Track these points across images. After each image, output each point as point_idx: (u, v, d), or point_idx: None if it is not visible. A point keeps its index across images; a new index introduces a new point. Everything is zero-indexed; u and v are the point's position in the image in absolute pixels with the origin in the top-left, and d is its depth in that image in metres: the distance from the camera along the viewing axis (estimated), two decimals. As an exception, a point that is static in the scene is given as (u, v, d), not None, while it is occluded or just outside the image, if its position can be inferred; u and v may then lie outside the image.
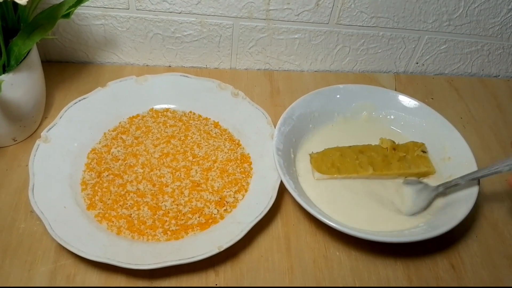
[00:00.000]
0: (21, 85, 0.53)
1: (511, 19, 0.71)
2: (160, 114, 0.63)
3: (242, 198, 0.54)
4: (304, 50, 0.73)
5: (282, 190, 0.54)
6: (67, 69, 0.70)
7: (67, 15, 0.53)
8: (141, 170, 0.56)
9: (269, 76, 0.74)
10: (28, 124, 0.58)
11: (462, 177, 0.53)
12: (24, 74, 0.53)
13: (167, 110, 0.64)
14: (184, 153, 0.58)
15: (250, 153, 0.59)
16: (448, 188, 0.54)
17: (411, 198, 0.54)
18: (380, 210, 0.54)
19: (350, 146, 0.59)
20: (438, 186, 0.55)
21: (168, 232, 0.50)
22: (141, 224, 0.51)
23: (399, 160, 0.58)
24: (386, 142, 0.60)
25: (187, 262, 0.45)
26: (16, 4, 0.51)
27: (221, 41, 0.70)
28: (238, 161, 0.58)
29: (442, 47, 0.75)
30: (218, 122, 0.63)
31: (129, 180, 0.55)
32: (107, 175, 0.55)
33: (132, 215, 0.51)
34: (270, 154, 0.55)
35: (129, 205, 0.52)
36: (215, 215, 0.52)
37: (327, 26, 0.70)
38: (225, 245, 0.47)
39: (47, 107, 0.62)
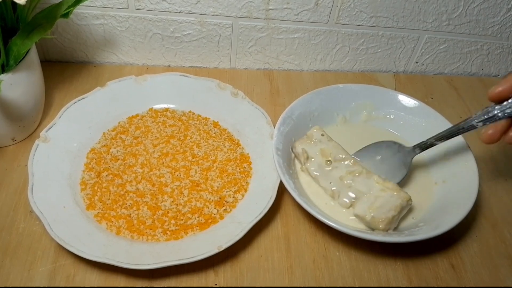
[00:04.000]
0: (20, 85, 0.53)
1: (510, 18, 0.71)
2: (159, 114, 0.63)
3: (242, 198, 0.54)
4: (304, 50, 0.73)
5: (282, 190, 0.54)
6: (66, 69, 0.69)
7: (66, 15, 0.53)
8: (141, 170, 0.56)
9: (268, 75, 0.74)
10: (27, 124, 0.58)
11: (436, 136, 0.55)
12: (23, 74, 0.53)
13: (166, 110, 0.63)
14: (183, 153, 0.58)
15: (249, 153, 0.59)
16: (424, 149, 0.56)
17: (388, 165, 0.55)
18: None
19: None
20: (414, 147, 0.56)
21: (168, 232, 0.50)
22: (140, 224, 0.51)
23: None
24: None
25: (187, 262, 0.45)
26: (15, 4, 0.51)
27: (220, 40, 0.70)
28: (238, 161, 0.58)
29: (442, 47, 0.75)
30: (217, 122, 0.63)
31: (129, 180, 0.55)
32: (106, 175, 0.55)
33: (132, 215, 0.51)
34: (270, 154, 0.55)
35: (129, 205, 0.52)
36: (215, 215, 0.52)
37: (326, 26, 0.70)
38: (225, 245, 0.47)
39: (46, 107, 0.62)
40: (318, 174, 0.55)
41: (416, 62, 0.77)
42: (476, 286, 0.50)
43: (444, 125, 0.61)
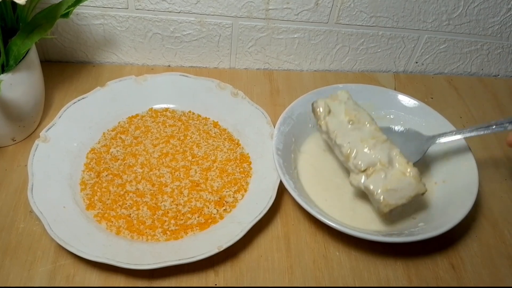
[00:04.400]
0: (20, 85, 0.53)
1: (510, 18, 0.71)
2: (159, 113, 0.63)
3: (242, 198, 0.54)
4: (304, 50, 0.73)
5: (282, 190, 0.54)
6: (66, 69, 0.69)
7: (66, 15, 0.53)
8: (140, 170, 0.56)
9: (268, 75, 0.74)
10: (27, 124, 0.58)
11: (463, 129, 0.54)
12: (23, 74, 0.53)
13: (166, 109, 0.63)
14: (183, 153, 0.58)
15: (249, 153, 0.59)
16: (441, 138, 0.55)
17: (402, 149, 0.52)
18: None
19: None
20: (434, 136, 0.55)
21: (168, 232, 0.50)
22: (140, 224, 0.51)
23: None
24: None
25: (187, 262, 0.45)
26: (15, 4, 0.51)
27: (220, 40, 0.70)
28: (238, 161, 0.58)
29: (442, 47, 0.75)
30: (217, 121, 0.63)
31: (128, 180, 0.55)
32: (106, 175, 0.55)
33: (132, 215, 0.51)
34: (270, 154, 0.55)
35: (128, 205, 0.52)
36: (215, 215, 0.52)
37: (326, 26, 0.70)
38: (225, 245, 0.47)
39: (46, 107, 0.62)
40: (336, 130, 0.52)
41: (416, 62, 0.77)
42: (476, 286, 0.50)
43: (444, 125, 0.61)
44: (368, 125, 0.53)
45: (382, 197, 0.48)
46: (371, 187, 0.49)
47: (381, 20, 0.70)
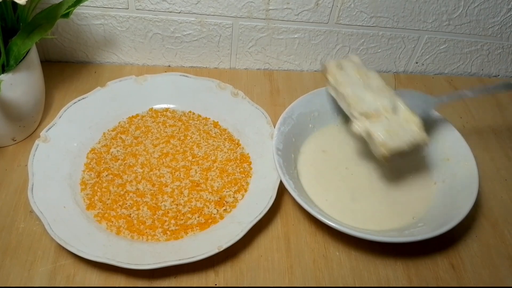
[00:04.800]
0: (20, 85, 0.53)
1: (510, 18, 0.71)
2: (159, 114, 0.63)
3: (242, 198, 0.54)
4: (304, 50, 0.73)
5: (282, 190, 0.54)
6: (66, 69, 0.69)
7: (66, 15, 0.53)
8: (141, 170, 0.56)
9: (268, 75, 0.74)
10: (27, 124, 0.58)
11: (471, 89, 0.54)
12: (24, 74, 0.53)
13: (166, 110, 0.64)
14: (183, 153, 0.58)
15: (249, 153, 0.59)
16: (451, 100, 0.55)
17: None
18: (382, 209, 0.54)
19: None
20: (442, 96, 0.55)
21: (168, 232, 0.50)
22: (140, 224, 0.51)
23: None
24: None
25: (187, 262, 0.45)
26: (15, 4, 0.51)
27: (220, 40, 0.70)
28: (238, 161, 0.58)
29: (442, 47, 0.75)
30: (217, 122, 0.63)
31: (129, 180, 0.55)
32: (106, 175, 0.55)
33: (132, 215, 0.51)
34: (270, 154, 0.55)
35: (129, 205, 0.52)
36: (215, 215, 0.52)
37: (326, 26, 0.70)
38: (225, 245, 0.47)
39: (46, 107, 0.62)
40: (344, 82, 0.53)
41: (416, 62, 0.77)
42: (476, 286, 0.50)
43: (444, 125, 0.61)
44: (376, 80, 0.53)
45: (382, 138, 0.48)
46: (372, 130, 0.49)
47: (381, 20, 0.70)
